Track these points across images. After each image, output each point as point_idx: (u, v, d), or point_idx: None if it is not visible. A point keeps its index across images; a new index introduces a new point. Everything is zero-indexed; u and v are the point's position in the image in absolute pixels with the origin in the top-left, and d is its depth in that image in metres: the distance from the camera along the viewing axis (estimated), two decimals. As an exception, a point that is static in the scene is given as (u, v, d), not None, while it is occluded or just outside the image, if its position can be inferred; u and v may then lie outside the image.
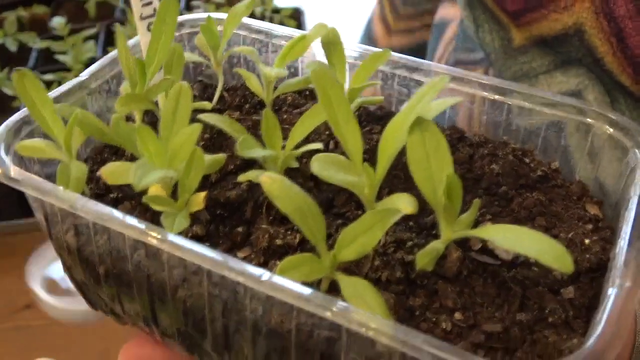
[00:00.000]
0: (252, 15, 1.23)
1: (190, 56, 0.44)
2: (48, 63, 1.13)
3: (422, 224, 0.35)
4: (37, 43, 1.14)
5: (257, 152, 0.33)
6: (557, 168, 0.39)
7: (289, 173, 0.37)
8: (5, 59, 1.13)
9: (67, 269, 0.38)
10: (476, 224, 0.35)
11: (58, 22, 1.13)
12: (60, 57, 1.07)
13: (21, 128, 0.37)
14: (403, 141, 0.32)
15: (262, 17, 1.24)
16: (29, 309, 1.17)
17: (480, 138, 0.40)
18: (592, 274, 0.32)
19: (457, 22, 0.71)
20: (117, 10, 1.19)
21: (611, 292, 0.28)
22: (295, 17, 1.21)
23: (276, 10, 1.22)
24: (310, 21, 1.32)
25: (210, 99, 0.45)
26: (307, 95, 0.45)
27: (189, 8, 1.22)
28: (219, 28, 0.44)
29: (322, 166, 0.33)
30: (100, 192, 0.38)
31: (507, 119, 0.39)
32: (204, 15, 0.45)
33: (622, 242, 0.30)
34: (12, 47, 1.13)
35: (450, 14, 0.74)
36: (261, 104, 0.43)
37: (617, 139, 0.36)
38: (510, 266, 0.32)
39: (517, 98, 0.38)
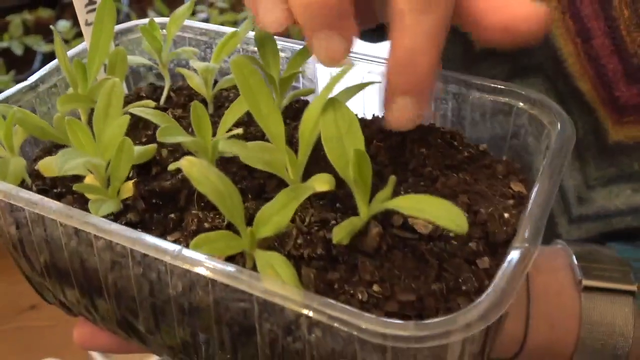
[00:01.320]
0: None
1: (135, 59, 0.45)
2: (53, 66, 1.15)
3: (348, 206, 0.36)
4: (42, 46, 1.17)
5: (177, 138, 0.34)
6: (485, 149, 0.40)
7: (223, 162, 0.38)
8: (11, 62, 1.16)
9: (16, 263, 0.40)
10: (401, 203, 0.36)
11: (63, 25, 1.16)
12: (66, 61, 1.09)
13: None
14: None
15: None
16: (34, 309, 1.18)
17: (412, 124, 0.41)
18: (508, 246, 0.33)
19: None
20: (122, 14, 1.22)
21: (511, 254, 0.29)
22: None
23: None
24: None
25: (158, 100, 0.46)
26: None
27: (193, 13, 1.25)
28: (164, 32, 0.45)
29: (250, 154, 0.35)
30: (46, 187, 0.39)
31: (434, 104, 0.41)
32: (146, 20, 0.47)
33: (526, 210, 0.31)
34: (18, 50, 1.16)
35: None
36: (205, 102, 0.45)
37: (537, 117, 0.37)
38: (429, 240, 0.33)
39: (443, 81, 0.40)
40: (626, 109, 0.47)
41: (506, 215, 0.35)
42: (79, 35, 1.14)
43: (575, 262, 0.44)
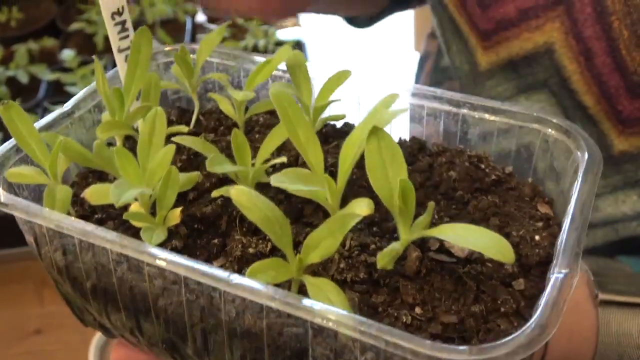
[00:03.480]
0: (255, 49, 1.29)
1: (166, 83, 0.47)
2: (58, 94, 1.17)
3: (384, 229, 0.37)
4: (47, 75, 1.18)
5: (226, 168, 0.35)
6: (510, 172, 0.42)
7: (261, 187, 0.39)
8: (17, 90, 1.17)
9: (57, 287, 0.41)
10: (435, 226, 0.37)
11: (67, 54, 1.17)
12: (70, 89, 1.11)
13: (10, 157, 0.40)
14: (361, 150, 0.35)
15: (265, 50, 1.29)
16: (40, 334, 1.18)
17: (439, 147, 0.43)
18: (542, 267, 0.35)
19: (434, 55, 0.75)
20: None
21: (552, 279, 0.30)
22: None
23: (279, 43, 1.27)
24: (311, 53, 1.36)
25: (187, 124, 0.47)
26: (278, 116, 0.48)
27: (194, 40, 1.27)
28: (193, 57, 0.47)
29: (285, 179, 0.36)
30: (86, 214, 0.40)
31: (462, 129, 0.42)
32: (178, 45, 0.48)
33: (563, 235, 0.32)
34: (23, 78, 1.17)
35: (434, 47, 0.78)
36: (235, 126, 0.46)
37: (562, 141, 0.39)
38: (466, 263, 0.35)
39: (467, 108, 0.41)
40: (629, 121, 0.49)
41: (537, 237, 0.36)
42: (84, 63, 1.16)
43: (591, 277, 0.46)
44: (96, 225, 0.34)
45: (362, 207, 0.34)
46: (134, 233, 0.37)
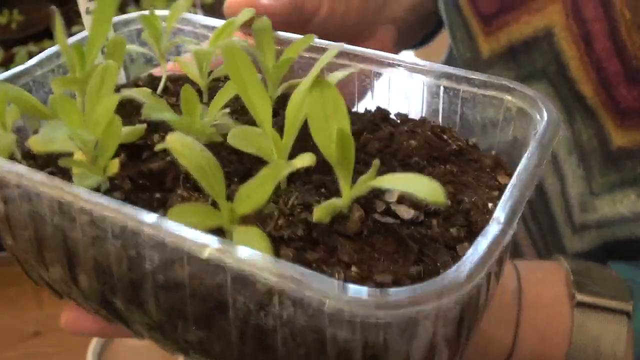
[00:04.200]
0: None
1: (134, 47, 0.46)
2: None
3: (333, 191, 0.36)
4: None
5: (164, 114, 0.34)
6: (474, 144, 0.40)
7: (212, 147, 0.38)
8: None
9: (5, 242, 0.40)
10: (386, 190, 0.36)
11: None
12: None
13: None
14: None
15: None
16: (37, 336, 1.19)
17: (403, 117, 0.41)
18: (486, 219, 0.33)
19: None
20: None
21: (486, 229, 0.28)
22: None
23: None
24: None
25: (156, 90, 0.47)
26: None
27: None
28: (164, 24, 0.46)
29: (237, 138, 0.35)
30: (38, 168, 0.40)
31: (427, 98, 0.41)
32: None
33: (507, 192, 0.30)
34: None
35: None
36: (200, 92, 0.45)
37: (525, 111, 0.37)
38: (411, 225, 0.33)
39: (432, 77, 0.40)
40: (628, 112, 0.46)
41: (490, 205, 0.34)
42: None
43: (571, 276, 0.43)
44: (28, 168, 0.33)
45: (301, 160, 0.32)
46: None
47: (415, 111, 0.42)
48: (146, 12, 0.48)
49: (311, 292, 0.26)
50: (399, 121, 0.42)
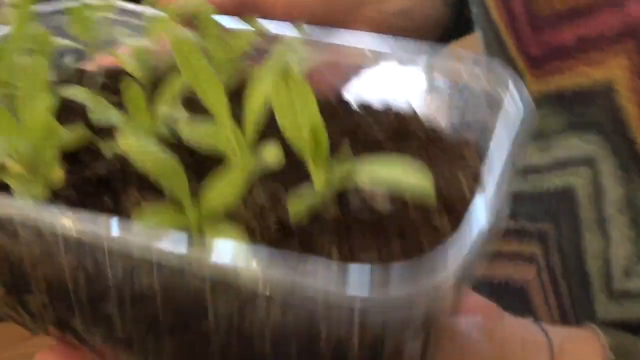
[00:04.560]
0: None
1: (61, 41, 0.42)
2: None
3: (300, 179, 0.34)
4: None
5: (111, 116, 0.31)
6: (441, 129, 0.39)
7: (166, 145, 0.35)
8: None
9: None
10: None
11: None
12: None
13: None
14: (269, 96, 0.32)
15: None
16: (37, 336, 1.11)
17: (368, 105, 0.40)
18: (464, 205, 0.32)
19: None
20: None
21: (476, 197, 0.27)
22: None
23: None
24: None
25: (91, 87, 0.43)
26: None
27: None
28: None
29: (190, 131, 0.33)
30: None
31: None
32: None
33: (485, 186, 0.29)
34: None
35: None
36: (142, 87, 0.42)
37: (494, 95, 0.36)
38: (389, 216, 0.32)
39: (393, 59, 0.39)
40: None
41: (461, 177, 0.33)
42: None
43: (611, 356, 0.39)
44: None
45: (269, 154, 0.30)
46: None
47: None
48: (72, 3, 0.45)
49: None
50: (360, 110, 0.40)
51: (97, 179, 0.34)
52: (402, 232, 0.30)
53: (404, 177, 0.26)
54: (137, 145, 0.29)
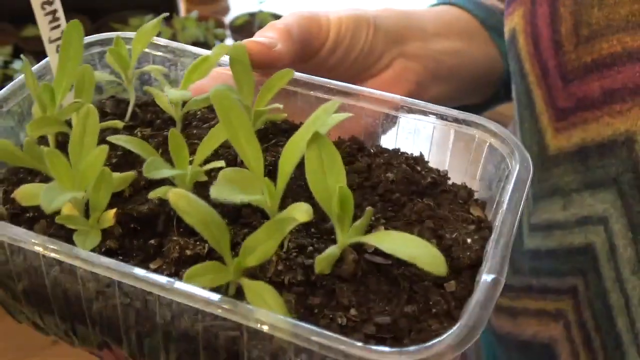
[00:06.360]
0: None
1: (101, 75, 0.45)
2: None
3: (322, 230, 0.38)
4: None
5: (163, 173, 0.35)
6: (445, 174, 0.43)
7: (198, 187, 0.39)
8: None
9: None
10: (371, 227, 0.38)
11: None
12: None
13: None
14: (301, 155, 0.35)
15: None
16: (56, 344, 1.16)
17: (377, 148, 0.44)
18: (472, 270, 0.36)
19: None
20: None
21: (480, 282, 0.31)
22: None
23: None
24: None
25: (123, 115, 0.46)
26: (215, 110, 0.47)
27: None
28: (129, 47, 0.46)
29: (224, 190, 0.35)
30: (17, 211, 0.39)
31: (400, 130, 0.43)
32: (113, 34, 0.47)
33: (492, 240, 0.34)
34: None
35: None
36: (172, 120, 0.45)
37: (496, 148, 0.40)
38: (400, 265, 0.36)
39: (405, 112, 0.42)
40: None
41: (469, 240, 0.38)
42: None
43: None
44: (27, 230, 0.33)
45: (301, 213, 0.34)
46: (67, 232, 0.36)
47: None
48: (103, 36, 0.48)
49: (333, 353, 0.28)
50: (372, 151, 0.44)
51: (140, 216, 0.38)
52: (412, 294, 0.34)
53: (419, 255, 0.31)
54: (187, 203, 0.32)
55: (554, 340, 0.52)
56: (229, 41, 1.59)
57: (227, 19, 1.70)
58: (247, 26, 1.64)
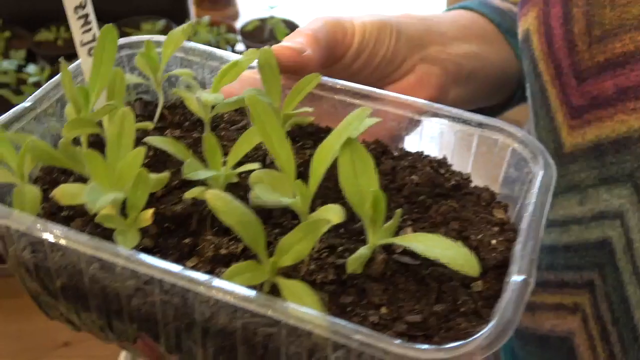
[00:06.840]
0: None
1: (130, 78, 0.46)
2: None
3: (351, 231, 0.39)
4: None
5: (201, 174, 0.36)
6: (468, 177, 0.44)
7: (231, 187, 0.40)
8: None
9: (22, 283, 0.41)
10: (399, 228, 0.39)
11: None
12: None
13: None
14: (332, 159, 0.37)
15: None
16: (67, 346, 1.17)
17: (401, 151, 0.45)
18: (498, 270, 0.37)
19: None
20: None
21: (511, 282, 0.33)
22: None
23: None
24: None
25: (151, 117, 0.48)
26: (242, 112, 0.49)
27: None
28: (159, 50, 0.47)
29: (261, 194, 0.36)
30: (53, 210, 0.40)
31: (423, 133, 0.44)
32: (143, 37, 0.48)
33: (520, 242, 0.35)
34: None
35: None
36: (200, 122, 0.47)
37: (519, 152, 0.41)
38: (428, 264, 0.37)
39: (429, 115, 0.43)
40: None
41: (493, 241, 0.39)
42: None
43: None
44: (68, 228, 0.34)
45: (333, 214, 0.35)
46: (104, 230, 0.37)
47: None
48: (132, 39, 0.49)
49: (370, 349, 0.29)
50: (396, 154, 0.45)
51: (174, 215, 0.39)
52: (440, 293, 0.35)
53: (452, 256, 0.32)
54: (224, 204, 0.34)
55: (571, 333, 0.53)
56: (240, 46, 1.59)
57: (238, 24, 1.71)
58: (257, 31, 1.65)
